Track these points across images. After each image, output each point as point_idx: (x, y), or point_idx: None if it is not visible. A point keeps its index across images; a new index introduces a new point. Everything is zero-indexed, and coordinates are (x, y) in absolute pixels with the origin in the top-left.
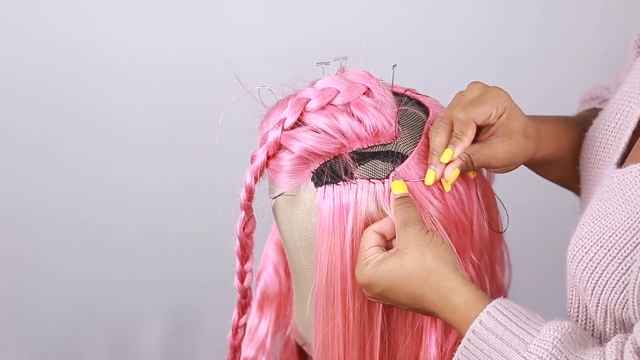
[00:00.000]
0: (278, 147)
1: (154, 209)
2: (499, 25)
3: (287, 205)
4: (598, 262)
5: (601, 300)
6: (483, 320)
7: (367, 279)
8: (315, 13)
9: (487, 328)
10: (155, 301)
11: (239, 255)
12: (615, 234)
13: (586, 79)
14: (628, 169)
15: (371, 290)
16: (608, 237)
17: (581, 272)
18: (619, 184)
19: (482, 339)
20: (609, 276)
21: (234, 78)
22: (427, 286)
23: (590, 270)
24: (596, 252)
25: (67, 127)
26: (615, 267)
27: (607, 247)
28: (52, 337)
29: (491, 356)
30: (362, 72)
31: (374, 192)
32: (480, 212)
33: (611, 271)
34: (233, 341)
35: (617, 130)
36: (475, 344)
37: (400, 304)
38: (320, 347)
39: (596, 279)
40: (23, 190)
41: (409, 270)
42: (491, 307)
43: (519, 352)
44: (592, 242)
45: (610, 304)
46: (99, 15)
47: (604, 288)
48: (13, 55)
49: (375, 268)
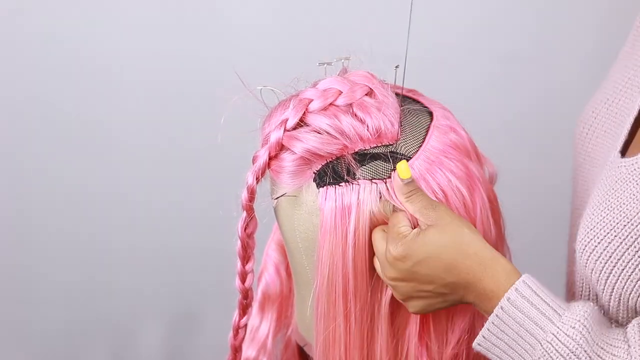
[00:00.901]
0: (280, 147)
1: (155, 209)
2: (499, 25)
3: (289, 206)
4: (613, 252)
5: (615, 289)
6: (519, 288)
7: (404, 249)
8: (317, 13)
9: (523, 296)
10: (156, 302)
11: (240, 256)
12: (631, 223)
13: (587, 79)
14: (635, 158)
15: (404, 264)
16: (622, 226)
17: (594, 262)
18: (629, 174)
19: (516, 306)
20: (625, 265)
21: (236, 78)
22: (466, 255)
23: (604, 259)
24: (610, 242)
25: (66, 131)
26: (631, 256)
27: (622, 237)
28: (52, 339)
29: (523, 324)
30: (365, 72)
31: (376, 192)
32: (485, 216)
33: (627, 260)
34: (234, 342)
35: (619, 117)
36: (508, 312)
37: (429, 280)
38: (321, 348)
39: (611, 268)
40: (23, 194)
41: (449, 241)
42: (527, 277)
43: (552, 321)
44: (606, 232)
45: (625, 293)
46: (98, 14)
47: (619, 277)
48: (10, 59)
49: (414, 239)
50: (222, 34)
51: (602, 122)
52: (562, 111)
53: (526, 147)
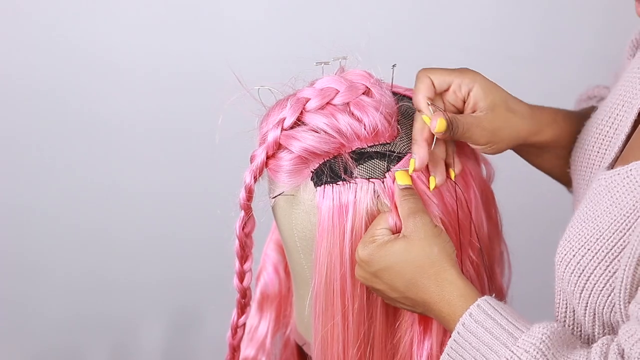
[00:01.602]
0: (277, 146)
1: (154, 209)
2: (499, 25)
3: (287, 205)
4: (585, 266)
5: (589, 304)
6: (473, 313)
7: (368, 254)
8: (315, 13)
9: (477, 321)
10: (155, 301)
11: (239, 255)
12: (602, 237)
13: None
14: (616, 170)
15: (368, 267)
16: (595, 240)
17: (569, 275)
18: (606, 187)
19: (471, 331)
20: (597, 279)
21: (234, 78)
22: (426, 275)
23: (577, 273)
24: (583, 255)
25: (65, 127)
26: (602, 271)
27: (594, 251)
28: (52, 339)
29: (479, 349)
30: (362, 71)
31: (373, 191)
32: (480, 211)
33: (598, 274)
34: (232, 341)
35: (611, 135)
36: (464, 337)
37: (392, 289)
38: (320, 347)
39: (584, 282)
40: (23, 193)
41: (414, 257)
42: (482, 300)
43: (507, 346)
44: (580, 245)
45: (598, 308)
46: (97, 16)
47: (592, 291)
48: (12, 58)
49: (380, 247)
50: (219, 34)
51: (594, 142)
52: None
53: None
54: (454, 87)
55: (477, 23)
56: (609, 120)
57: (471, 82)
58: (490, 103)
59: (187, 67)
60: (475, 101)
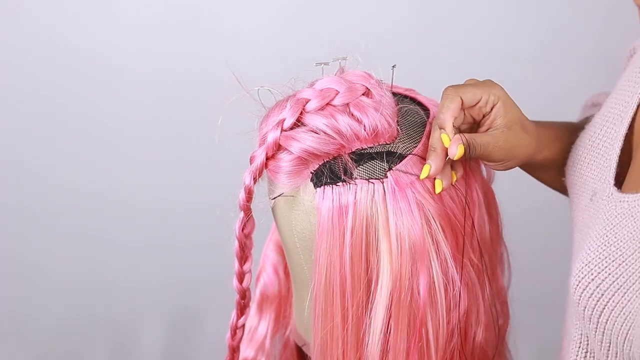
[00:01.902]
0: (277, 147)
1: (154, 210)
2: (500, 26)
3: (287, 206)
4: (605, 290)
5: (606, 330)
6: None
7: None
8: (314, 13)
9: None
10: (155, 302)
11: (238, 256)
12: (626, 263)
13: (589, 81)
14: (638, 195)
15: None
16: (617, 265)
17: (586, 299)
18: (629, 211)
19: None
20: (615, 305)
21: (233, 78)
22: None
23: (596, 297)
24: (604, 280)
25: (65, 128)
26: (621, 296)
27: (616, 275)
28: (52, 339)
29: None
30: (362, 72)
31: (373, 192)
32: (480, 213)
33: (617, 300)
34: (232, 342)
35: (603, 148)
36: None
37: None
38: (319, 348)
39: (602, 308)
40: (23, 194)
41: None
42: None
43: None
44: (600, 270)
45: (613, 335)
46: (97, 16)
47: (609, 317)
48: (10, 60)
49: None
50: (219, 35)
51: (587, 154)
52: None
53: None
54: (481, 103)
55: (478, 23)
56: (600, 133)
57: (496, 99)
58: (509, 121)
59: (187, 68)
60: (495, 117)
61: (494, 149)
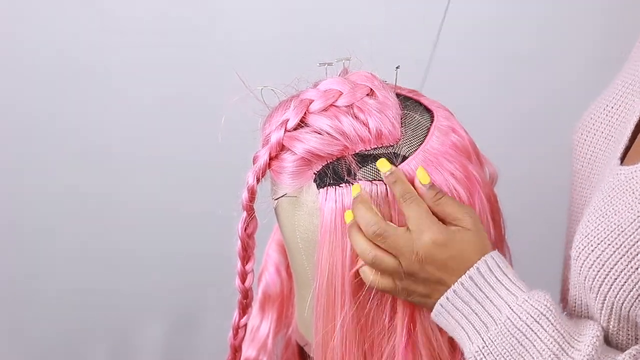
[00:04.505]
0: (280, 148)
1: (155, 209)
2: (501, 26)
3: (290, 207)
4: (606, 260)
5: (608, 298)
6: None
7: (448, 239)
8: (318, 13)
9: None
10: (156, 301)
11: (241, 256)
12: (625, 233)
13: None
14: (637, 166)
15: (441, 253)
16: (617, 235)
17: (587, 269)
18: (627, 182)
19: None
20: (617, 274)
21: (237, 78)
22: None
23: (597, 267)
24: (603, 250)
25: (66, 131)
26: (624, 266)
27: (615, 246)
28: (52, 340)
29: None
30: (366, 73)
31: (376, 194)
32: (484, 217)
33: (619, 269)
34: (234, 341)
35: (620, 123)
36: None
37: (438, 279)
38: (321, 347)
39: (604, 277)
40: (23, 195)
41: (481, 247)
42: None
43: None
44: (599, 240)
45: (617, 302)
46: (96, 17)
47: (611, 287)
48: (9, 62)
49: (454, 232)
50: (223, 35)
51: (601, 128)
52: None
53: (528, 149)
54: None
55: (478, 23)
56: (616, 107)
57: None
58: None
59: (190, 69)
60: None
61: None
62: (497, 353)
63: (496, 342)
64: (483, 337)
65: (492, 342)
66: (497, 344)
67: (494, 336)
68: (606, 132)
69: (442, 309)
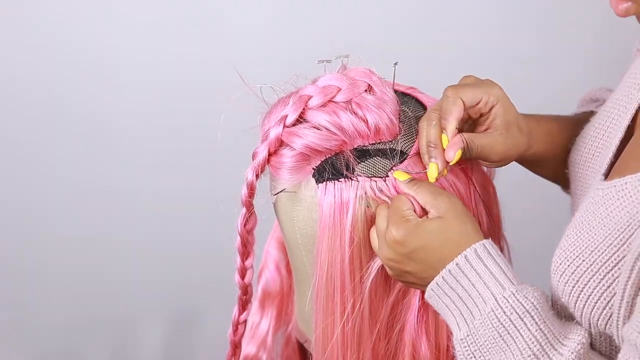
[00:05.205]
0: (279, 143)
1: (154, 206)
2: (501, 26)
3: (288, 202)
4: (580, 276)
5: (584, 314)
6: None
7: (404, 235)
8: (317, 11)
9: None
10: (156, 297)
11: (240, 252)
12: (597, 250)
13: (588, 79)
14: (612, 183)
15: (401, 249)
16: (590, 252)
17: (563, 284)
18: (603, 198)
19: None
20: (591, 291)
21: (236, 75)
22: (460, 250)
23: (572, 283)
24: (578, 266)
25: (65, 127)
26: (597, 284)
27: (589, 262)
28: (52, 339)
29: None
30: (364, 69)
31: (376, 189)
32: (481, 207)
33: (592, 287)
34: (233, 337)
35: (606, 139)
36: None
37: (427, 267)
38: (320, 342)
39: (578, 293)
40: (23, 194)
41: (450, 235)
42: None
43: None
44: (575, 256)
45: (593, 318)
46: (99, 14)
47: (586, 302)
48: (13, 60)
49: (417, 226)
50: (222, 32)
51: (590, 145)
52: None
53: None
54: (481, 104)
55: (478, 23)
56: (604, 125)
57: (495, 100)
58: (507, 122)
59: (190, 66)
60: (494, 118)
61: (491, 152)
62: (480, 343)
63: (480, 332)
64: (469, 325)
65: (477, 332)
66: (480, 334)
67: (478, 325)
68: (593, 149)
69: (433, 293)
